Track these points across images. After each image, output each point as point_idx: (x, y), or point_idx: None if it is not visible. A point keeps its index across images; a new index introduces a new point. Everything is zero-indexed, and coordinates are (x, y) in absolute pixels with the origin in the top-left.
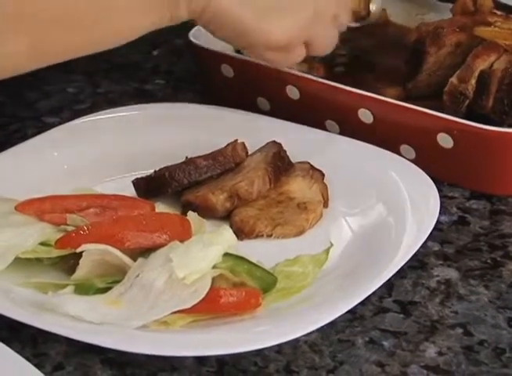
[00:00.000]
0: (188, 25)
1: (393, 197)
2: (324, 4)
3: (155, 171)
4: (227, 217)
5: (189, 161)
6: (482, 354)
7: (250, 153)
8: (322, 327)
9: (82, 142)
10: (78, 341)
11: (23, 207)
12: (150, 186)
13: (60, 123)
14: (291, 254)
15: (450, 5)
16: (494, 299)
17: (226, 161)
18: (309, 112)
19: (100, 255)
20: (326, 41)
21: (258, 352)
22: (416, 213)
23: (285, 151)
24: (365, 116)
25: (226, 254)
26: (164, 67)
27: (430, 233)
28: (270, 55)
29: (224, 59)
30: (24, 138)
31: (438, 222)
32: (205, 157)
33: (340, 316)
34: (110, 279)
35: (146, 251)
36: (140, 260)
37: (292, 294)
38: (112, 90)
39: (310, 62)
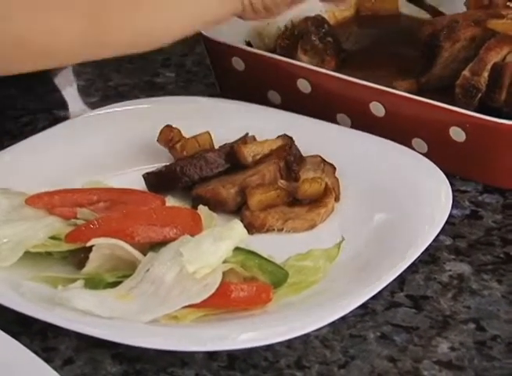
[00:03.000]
0: None
1: (405, 190)
2: None
3: (166, 166)
4: (238, 211)
5: (200, 156)
6: (495, 349)
7: None
8: (334, 321)
9: (93, 135)
10: (88, 336)
11: (34, 200)
12: (161, 181)
13: (70, 117)
14: (302, 249)
15: None
16: (507, 294)
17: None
18: (320, 105)
19: (110, 250)
20: None
21: (269, 347)
22: (428, 207)
23: (296, 145)
24: (377, 109)
25: (237, 249)
26: (174, 60)
27: (443, 227)
28: None
29: (235, 51)
30: (35, 131)
31: (450, 216)
32: (216, 151)
33: (351, 311)
34: (120, 273)
35: (156, 246)
36: (150, 254)
37: (303, 288)
38: (123, 83)
39: (321, 55)
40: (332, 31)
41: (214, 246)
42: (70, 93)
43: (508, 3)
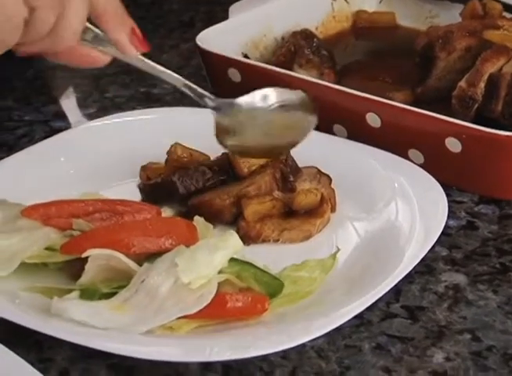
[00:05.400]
0: (196, 29)
1: (401, 201)
2: None
3: (162, 177)
4: (234, 222)
5: (196, 167)
6: (490, 360)
7: None
8: (329, 332)
9: (89, 146)
10: (83, 347)
11: (29, 212)
12: (157, 192)
13: (67, 127)
14: (298, 259)
15: (461, 7)
16: (503, 304)
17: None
18: (317, 116)
19: (106, 260)
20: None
21: (264, 358)
22: (424, 218)
23: (291, 156)
24: (373, 120)
25: (232, 260)
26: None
27: (439, 238)
28: None
29: (231, 63)
30: (32, 142)
31: (446, 226)
32: (212, 163)
33: (346, 322)
34: (116, 284)
35: (151, 256)
36: (146, 265)
37: (298, 299)
38: (119, 94)
39: (319, 68)
40: (324, 44)
41: (210, 256)
42: (68, 105)
43: (504, 14)
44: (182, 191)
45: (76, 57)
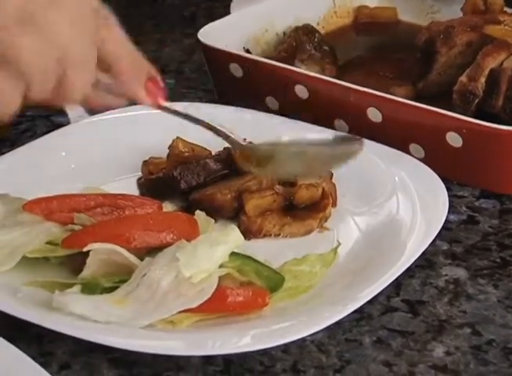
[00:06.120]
0: (197, 24)
1: (402, 196)
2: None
3: (163, 172)
4: (235, 216)
5: (197, 162)
6: (490, 354)
7: None
8: (329, 326)
9: (91, 141)
10: (85, 341)
11: (31, 206)
12: (159, 186)
13: (69, 122)
14: (299, 254)
15: (462, 2)
16: (503, 299)
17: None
18: (318, 111)
19: (107, 255)
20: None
21: (265, 352)
22: (424, 212)
23: None
24: (374, 115)
25: (233, 254)
26: (173, 67)
27: (439, 232)
28: None
29: (233, 58)
30: (34, 137)
31: (446, 221)
32: (214, 157)
33: (347, 316)
34: (117, 278)
35: (152, 251)
36: (147, 259)
37: (299, 293)
38: None
39: (320, 64)
40: (325, 39)
41: (211, 251)
42: None
43: (505, 9)
44: (183, 186)
45: (89, 105)
